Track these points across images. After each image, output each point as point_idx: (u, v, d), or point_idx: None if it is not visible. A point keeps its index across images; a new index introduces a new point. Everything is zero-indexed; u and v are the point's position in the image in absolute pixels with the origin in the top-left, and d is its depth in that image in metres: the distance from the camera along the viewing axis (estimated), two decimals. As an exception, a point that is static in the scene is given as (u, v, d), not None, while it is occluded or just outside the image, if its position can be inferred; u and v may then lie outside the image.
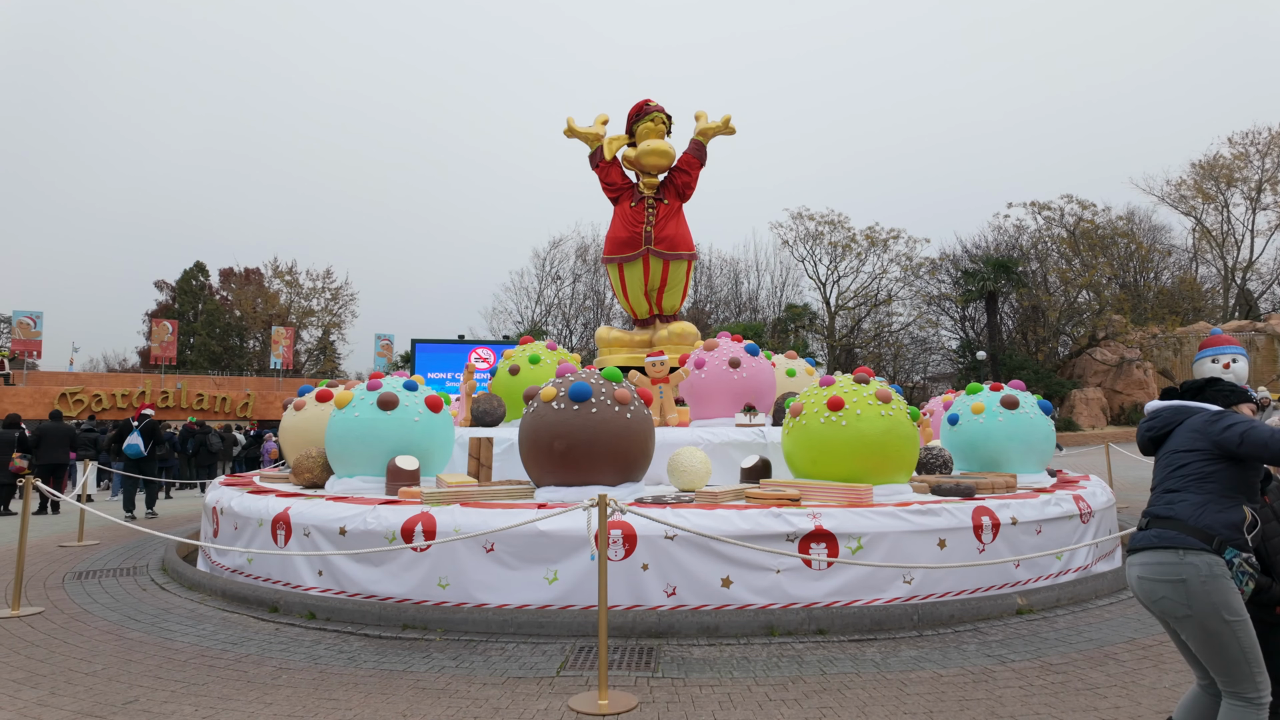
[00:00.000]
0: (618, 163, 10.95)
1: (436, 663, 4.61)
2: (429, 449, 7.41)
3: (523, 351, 9.71)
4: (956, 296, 41.19)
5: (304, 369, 51.64)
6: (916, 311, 42.74)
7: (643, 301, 10.85)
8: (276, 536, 6.51)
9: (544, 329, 43.09)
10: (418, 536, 5.75)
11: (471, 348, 31.08)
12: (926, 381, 43.87)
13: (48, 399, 28.93)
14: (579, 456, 6.11)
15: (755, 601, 5.40)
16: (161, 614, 5.84)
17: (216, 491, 7.85)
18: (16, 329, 33.43)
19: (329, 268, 59.60)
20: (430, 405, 7.47)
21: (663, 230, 10.43)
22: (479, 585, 5.57)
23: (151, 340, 39.41)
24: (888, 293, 42.83)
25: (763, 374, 8.93)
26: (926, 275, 42.51)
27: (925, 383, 43.77)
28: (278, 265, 55.12)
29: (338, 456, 7.35)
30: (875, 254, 42.54)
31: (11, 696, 4.03)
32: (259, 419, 32.53)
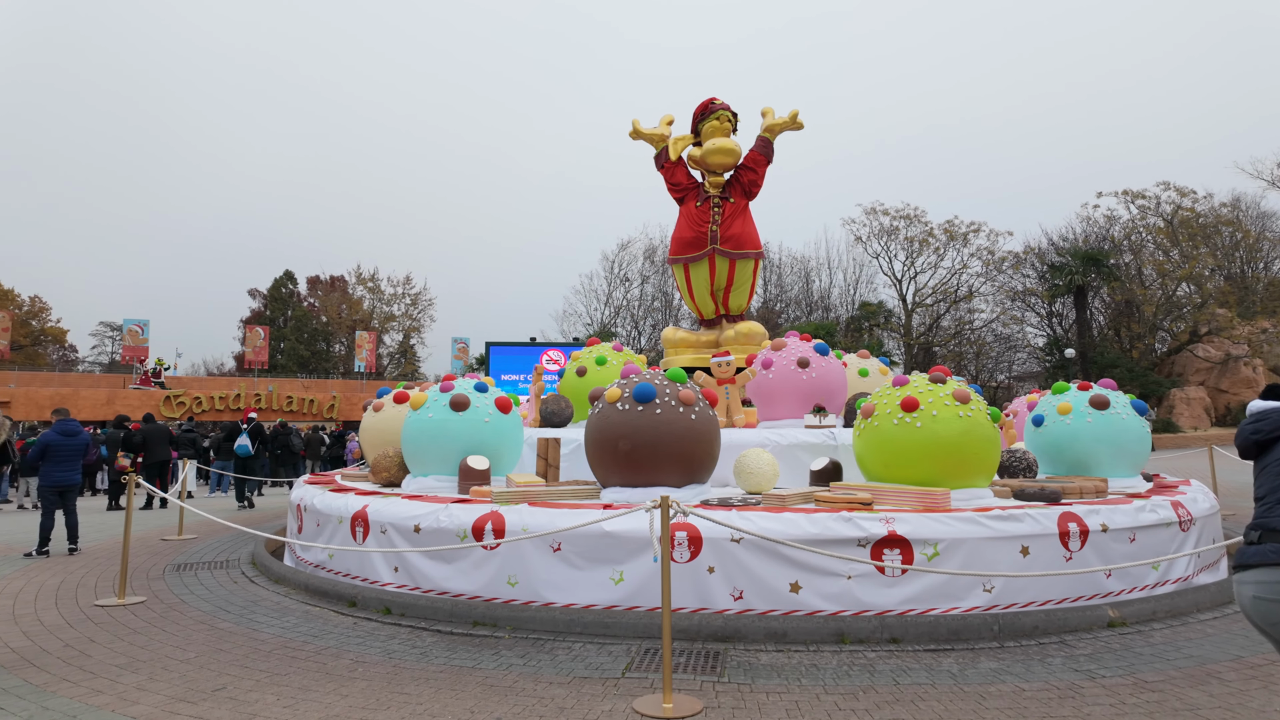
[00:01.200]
0: (683, 163, 10.91)
1: (505, 660, 4.67)
2: (499, 449, 7.54)
3: (589, 353, 9.79)
4: (1043, 291, 39.31)
5: (386, 372, 53.61)
6: (999, 308, 41.02)
7: (709, 301, 10.76)
8: (355, 533, 6.75)
9: (613, 330, 43.40)
10: (487, 535, 5.85)
11: (543, 350, 31.57)
12: (1011, 381, 42.05)
13: (154, 401, 30.95)
14: (643, 457, 6.10)
15: (825, 608, 5.26)
16: (250, 606, 6.13)
17: (300, 490, 8.20)
18: (127, 336, 35.92)
19: (409, 274, 61.93)
20: (500, 406, 7.60)
21: (729, 229, 10.32)
22: (546, 584, 5.63)
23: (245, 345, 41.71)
24: (968, 288, 41.27)
25: (833, 374, 8.71)
26: (1010, 270, 40.75)
27: (1009, 382, 41.96)
28: (361, 272, 57.51)
29: (413, 456, 7.57)
30: (954, 248, 41.07)
31: (113, 680, 4.30)
32: (344, 420, 33.97)
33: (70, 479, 8.80)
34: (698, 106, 10.72)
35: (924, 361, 39.87)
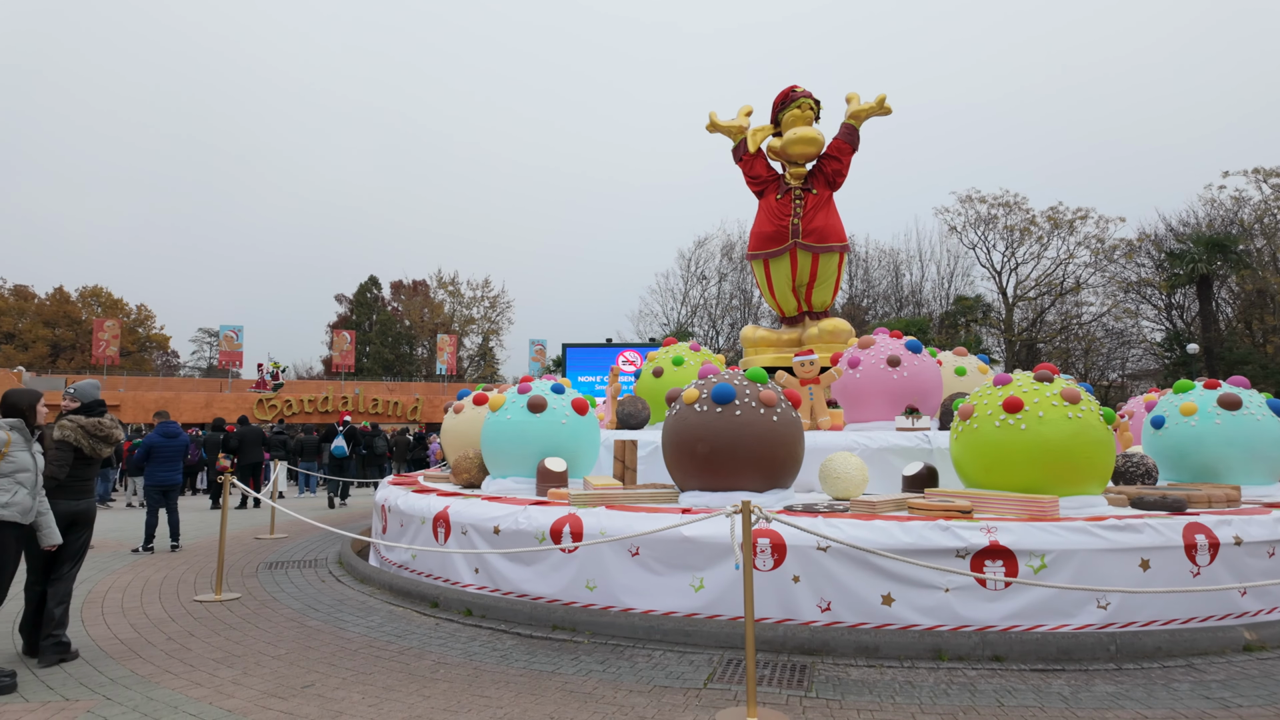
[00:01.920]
0: (762, 155, 10.75)
1: (584, 666, 4.70)
2: (576, 451, 7.62)
3: (666, 353, 9.77)
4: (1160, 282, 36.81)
5: (466, 374, 55.23)
6: (1111, 300, 38.62)
7: (790, 298, 10.57)
8: (437, 534, 6.95)
9: (690, 330, 43.28)
10: (565, 538, 5.91)
11: (619, 351, 31.77)
12: (1125, 379, 39.58)
13: (248, 404, 32.86)
14: (722, 460, 6.03)
15: (920, 622, 5.06)
16: (337, 605, 6.40)
17: (385, 490, 8.51)
18: (223, 341, 38.27)
19: (487, 277, 63.59)
20: (576, 408, 7.68)
21: (811, 221, 10.10)
22: (625, 589, 5.64)
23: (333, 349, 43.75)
24: (1075, 280, 39.06)
25: (926, 373, 8.40)
26: (1122, 259, 38.31)
27: (1123, 381, 39.50)
28: (441, 276, 59.41)
29: (492, 457, 7.74)
30: (1059, 237, 38.97)
31: (210, 674, 4.56)
32: (426, 421, 35.16)
33: (172, 479, 9.44)
34: (778, 95, 10.54)
35: (1027, 359, 37.99)
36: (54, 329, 50.42)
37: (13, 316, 49.39)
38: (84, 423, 5.37)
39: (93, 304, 52.67)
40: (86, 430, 5.35)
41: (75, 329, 50.30)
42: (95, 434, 5.37)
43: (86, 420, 5.40)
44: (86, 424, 5.37)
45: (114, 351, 35.23)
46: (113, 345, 35.11)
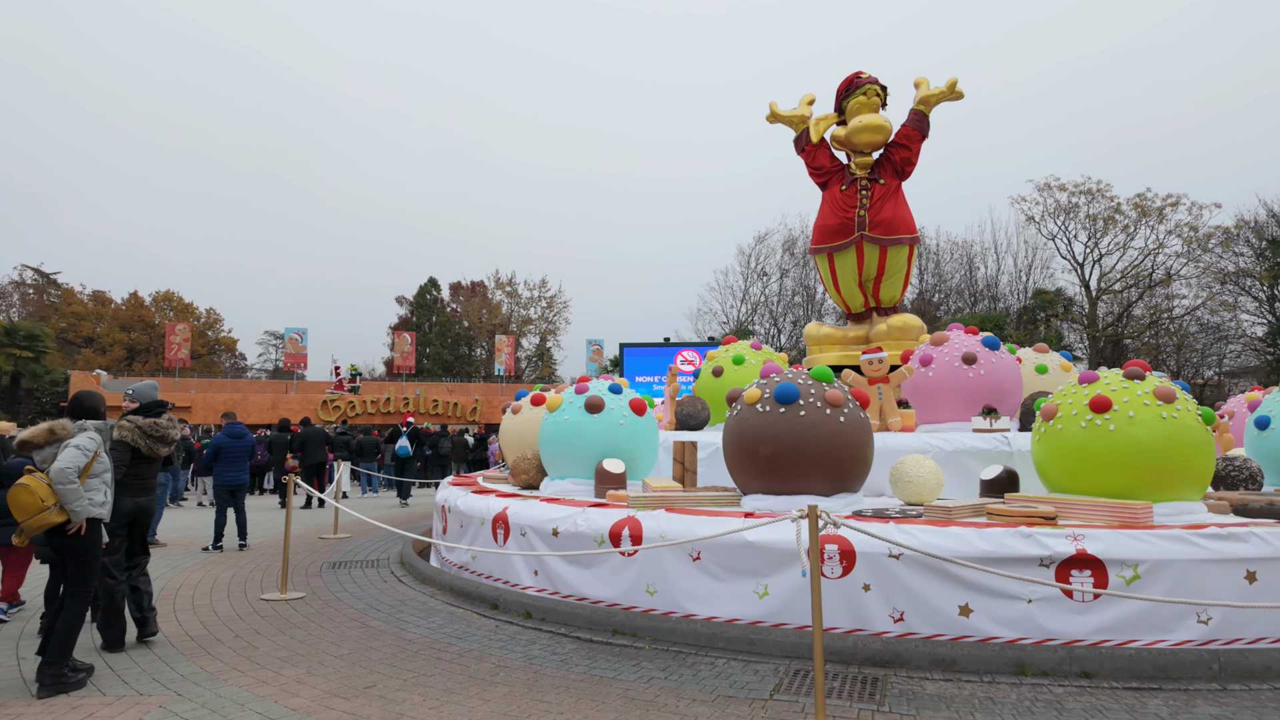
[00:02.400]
0: (826, 144, 10.55)
1: (645, 672, 4.67)
2: (634, 452, 7.61)
3: (726, 352, 9.67)
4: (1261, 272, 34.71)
5: (524, 375, 56.02)
6: (1206, 292, 36.62)
7: (857, 293, 10.33)
8: (496, 535, 7.03)
9: (750, 328, 42.88)
10: (625, 541, 5.90)
11: (677, 350, 31.75)
12: (1223, 377, 37.49)
13: (313, 406, 34.01)
14: (786, 463, 5.92)
15: (1001, 634, 4.87)
16: (398, 605, 6.53)
17: (445, 491, 8.67)
18: (288, 344, 39.73)
19: (544, 277, 64.25)
20: (634, 408, 7.67)
21: (879, 213, 9.85)
22: (686, 594, 5.59)
23: (394, 351, 44.96)
24: (1166, 271, 37.19)
25: (1004, 371, 8.09)
26: (1218, 248, 36.28)
27: (1220, 379, 37.43)
28: (499, 277, 60.41)
29: (550, 458, 7.79)
30: (1148, 226, 37.16)
31: (276, 672, 4.70)
32: (485, 422, 35.78)
33: (239, 478, 9.82)
34: (842, 82, 10.33)
35: (1112, 356, 36.37)
36: (129, 333, 53.17)
37: (91, 321, 52.29)
38: (141, 423, 5.64)
39: (165, 308, 55.34)
40: (143, 430, 5.63)
41: (149, 333, 52.95)
42: (151, 434, 5.65)
43: (144, 421, 5.67)
44: (144, 424, 5.65)
45: (185, 354, 36.94)
46: (184, 348, 36.82)
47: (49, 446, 4.76)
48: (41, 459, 4.72)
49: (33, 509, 4.52)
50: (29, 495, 4.53)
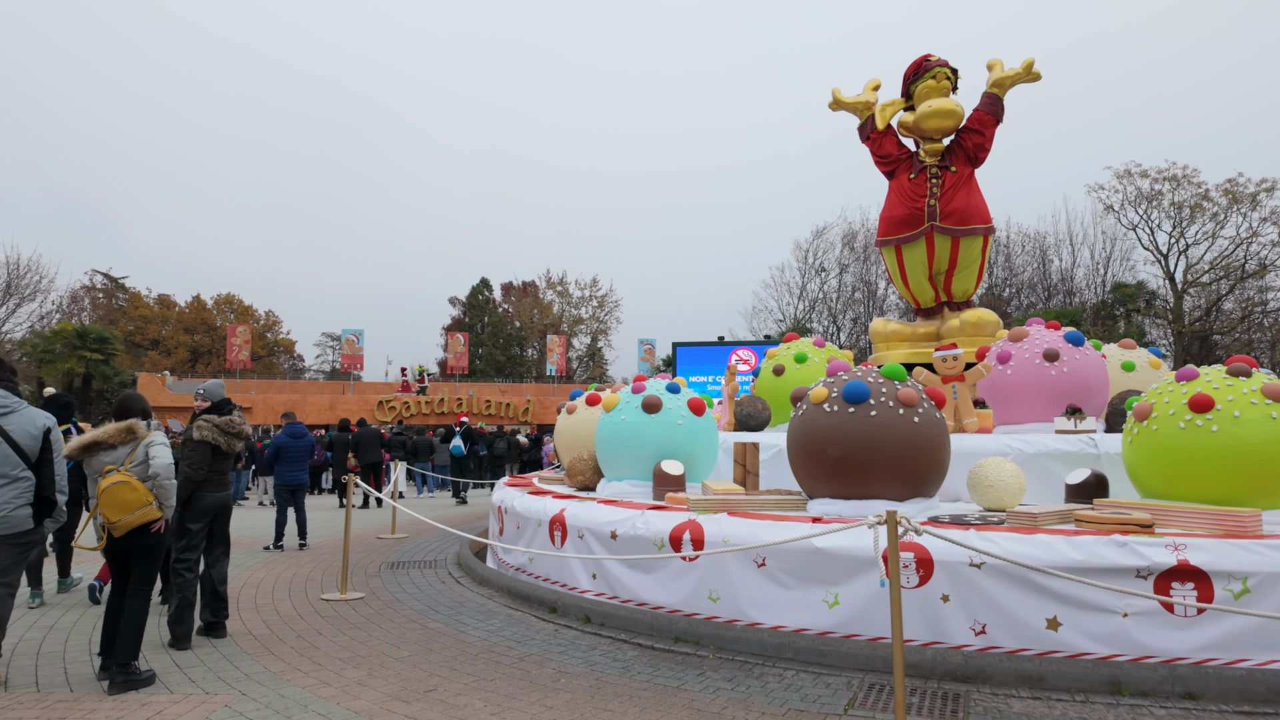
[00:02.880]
0: (892, 131, 10.27)
1: (711, 683, 4.58)
2: (693, 453, 7.52)
3: (787, 349, 9.49)
4: (1370, 260, 32.68)
5: (575, 375, 56.40)
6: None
7: (926, 287, 10.03)
8: (554, 537, 7.02)
9: (807, 326, 42.27)
10: (685, 545, 5.82)
11: (731, 349, 31.46)
12: (1325, 375, 35.31)
13: (370, 405, 34.83)
14: (856, 466, 5.75)
15: (1093, 649, 4.62)
16: (456, 607, 6.57)
17: (501, 492, 8.72)
18: (344, 345, 40.82)
19: (595, 276, 64.61)
20: (693, 408, 7.58)
21: (950, 202, 9.54)
22: (751, 602, 5.47)
23: (447, 352, 45.77)
24: (1260, 261, 35.31)
25: (1089, 368, 7.74)
26: (1320, 235, 34.28)
27: (1323, 376, 35.25)
28: (550, 276, 60.95)
29: (606, 459, 7.75)
30: (1239, 213, 35.33)
31: (337, 673, 4.76)
32: (538, 422, 36.13)
33: (299, 478, 10.06)
34: (909, 66, 10.03)
35: (1199, 353, 34.70)
36: (193, 335, 55.36)
37: (157, 324, 54.60)
38: (218, 421, 5.91)
39: (226, 311, 57.44)
40: (220, 428, 5.89)
41: (211, 335, 55.04)
42: (228, 430, 5.93)
43: (220, 419, 5.93)
44: (220, 422, 5.91)
45: (245, 356, 38.25)
46: (244, 350, 38.13)
47: (123, 446, 4.86)
48: (115, 459, 4.80)
49: (136, 506, 4.64)
50: (133, 493, 4.64)
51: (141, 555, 4.79)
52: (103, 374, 31.00)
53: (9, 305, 33.21)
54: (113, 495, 4.61)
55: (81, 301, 52.47)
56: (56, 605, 6.67)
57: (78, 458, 4.75)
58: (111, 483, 4.63)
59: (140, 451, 4.88)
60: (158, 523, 4.79)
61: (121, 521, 4.62)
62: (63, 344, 30.19)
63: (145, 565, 4.80)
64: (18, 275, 32.69)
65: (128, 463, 4.80)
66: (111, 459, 4.80)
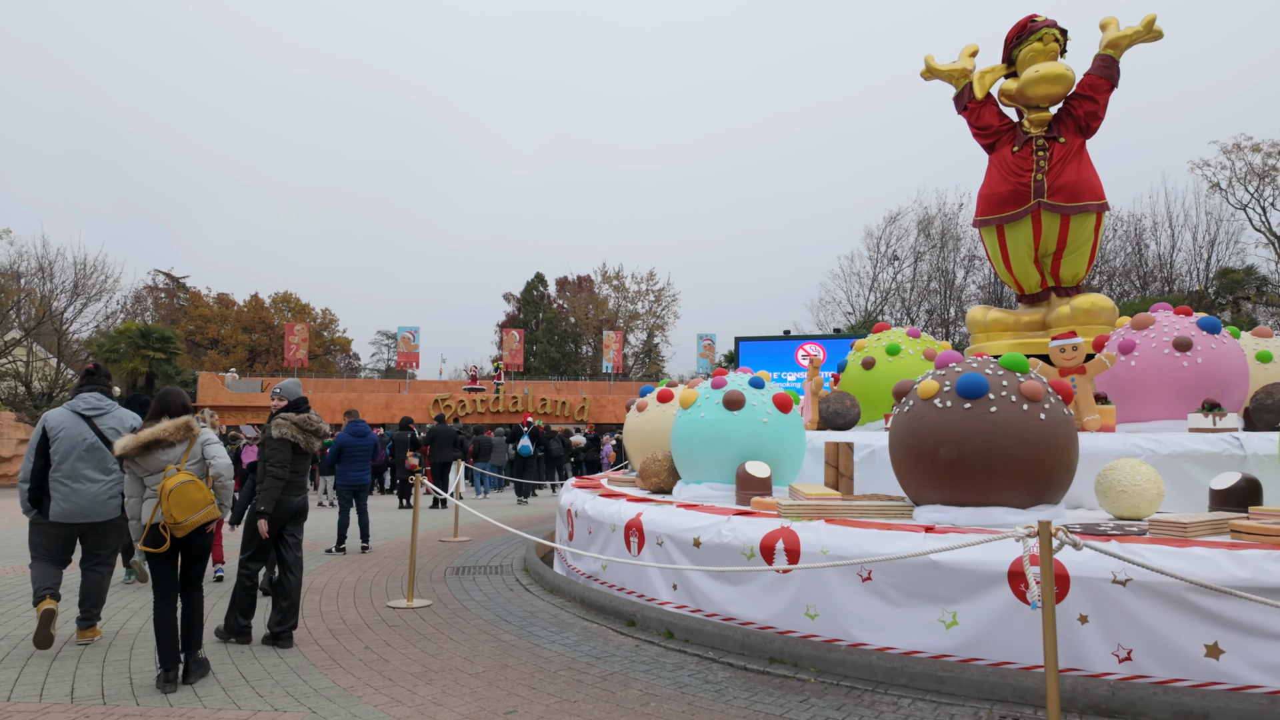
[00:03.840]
0: (992, 100, 9.68)
1: (817, 710, 4.24)
2: (779, 454, 7.17)
3: (877, 341, 9.04)
4: None
5: (631, 372, 56.28)
6: None
7: (1032, 271, 9.43)
8: (630, 544, 6.76)
9: (879, 318, 41.18)
10: (779, 556, 5.48)
11: (798, 344, 30.83)
12: None
13: (425, 404, 35.29)
14: (973, 469, 5.32)
15: (1264, 683, 4.13)
16: (528, 617, 6.37)
17: (570, 494, 8.50)
18: (400, 343, 41.48)
19: (652, 269, 64.28)
20: (779, 405, 7.22)
21: (1059, 176, 8.93)
22: (855, 620, 5.11)
23: (502, 349, 46.16)
24: (1391, 242, 32.94)
25: (1227, 358, 7.11)
26: None
27: None
28: (606, 270, 60.90)
29: (684, 460, 7.46)
30: (1366, 189, 33.01)
31: (410, 690, 4.58)
32: (595, 421, 36.07)
33: (361, 478, 10.05)
34: (1012, 29, 9.43)
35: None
36: (251, 334, 57.13)
37: (216, 323, 56.51)
38: (296, 419, 5.92)
39: (283, 309, 59.11)
40: (300, 426, 5.91)
41: (269, 334, 56.70)
42: (306, 428, 5.94)
43: (298, 416, 5.96)
44: (299, 420, 5.93)
45: (303, 355, 39.21)
46: (302, 349, 39.06)
47: (180, 444, 4.81)
48: (172, 457, 4.75)
49: (202, 505, 4.67)
50: (199, 492, 4.67)
51: (198, 556, 4.85)
52: (165, 373, 32.11)
53: (76, 305, 34.69)
54: (182, 495, 4.60)
55: (144, 301, 54.64)
56: (121, 610, 6.70)
57: (136, 455, 4.69)
58: (180, 482, 4.62)
59: (196, 449, 4.86)
60: (215, 523, 4.83)
61: (187, 521, 4.61)
62: (127, 343, 31.36)
63: (198, 564, 4.88)
64: (84, 274, 34.10)
65: (184, 460, 4.76)
66: (169, 457, 4.75)
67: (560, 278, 64.58)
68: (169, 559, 4.76)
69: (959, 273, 41.11)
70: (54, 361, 33.01)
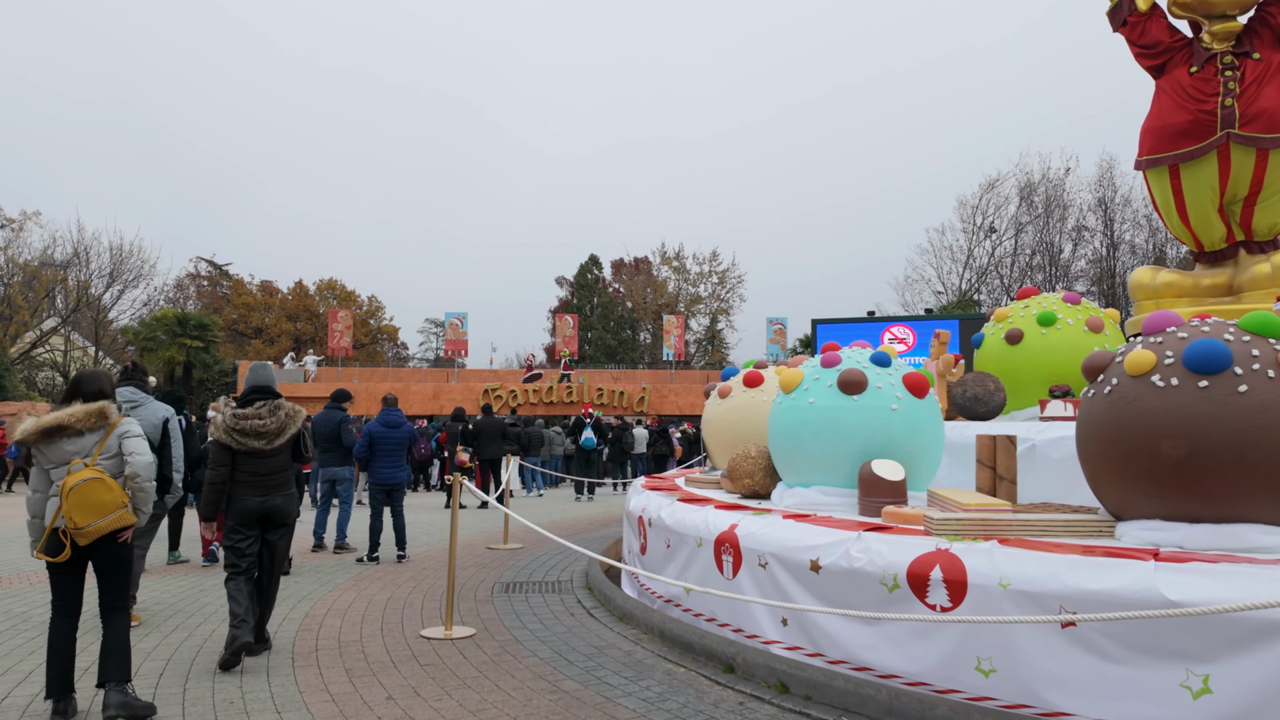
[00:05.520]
0: (1159, 12, 8.18)
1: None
2: (913, 450, 5.94)
3: (1025, 308, 7.67)
4: None
5: (692, 360, 55.02)
6: None
7: (1215, 222, 7.92)
8: (722, 563, 5.64)
9: (974, 298, 39.01)
10: (936, 588, 4.28)
11: (884, 325, 29.23)
12: None
13: (475, 394, 34.71)
14: (1213, 470, 4.02)
15: None
16: (595, 655, 5.30)
17: (642, 498, 7.41)
18: (448, 329, 41.05)
19: (714, 249, 62.63)
20: (911, 387, 5.99)
21: (1255, 101, 7.42)
22: (1050, 680, 3.88)
23: (555, 335, 45.46)
24: None
25: None
26: None
27: None
28: (665, 251, 59.62)
29: (786, 457, 6.29)
30: None
31: (442, 777, 3.53)
32: (657, 413, 35.00)
33: (394, 476, 9.08)
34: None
35: None
36: (295, 323, 57.63)
37: (260, 312, 57.17)
38: (227, 417, 5.39)
39: (328, 296, 59.49)
40: (230, 427, 5.33)
41: (314, 323, 57.10)
42: (237, 428, 5.32)
43: (233, 413, 5.42)
44: (228, 418, 5.38)
45: (347, 342, 39.04)
46: (346, 336, 38.90)
47: (91, 434, 4.22)
48: (78, 448, 4.17)
49: (112, 508, 4.09)
50: (108, 493, 4.08)
51: (110, 570, 4.23)
52: (203, 362, 32.21)
53: (113, 291, 35.08)
54: (85, 495, 3.99)
55: (186, 290, 55.58)
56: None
57: (34, 443, 4.13)
58: (82, 480, 4.03)
59: (112, 442, 4.27)
60: (127, 530, 4.23)
61: (90, 527, 4.02)
62: (163, 331, 31.48)
63: (116, 580, 4.26)
64: (120, 259, 34.42)
65: (96, 454, 4.20)
66: (76, 449, 4.18)
67: (616, 260, 63.59)
68: (71, 570, 4.19)
69: (1065, 246, 38.59)
70: (92, 350, 33.42)
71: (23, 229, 32.19)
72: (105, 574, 4.22)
